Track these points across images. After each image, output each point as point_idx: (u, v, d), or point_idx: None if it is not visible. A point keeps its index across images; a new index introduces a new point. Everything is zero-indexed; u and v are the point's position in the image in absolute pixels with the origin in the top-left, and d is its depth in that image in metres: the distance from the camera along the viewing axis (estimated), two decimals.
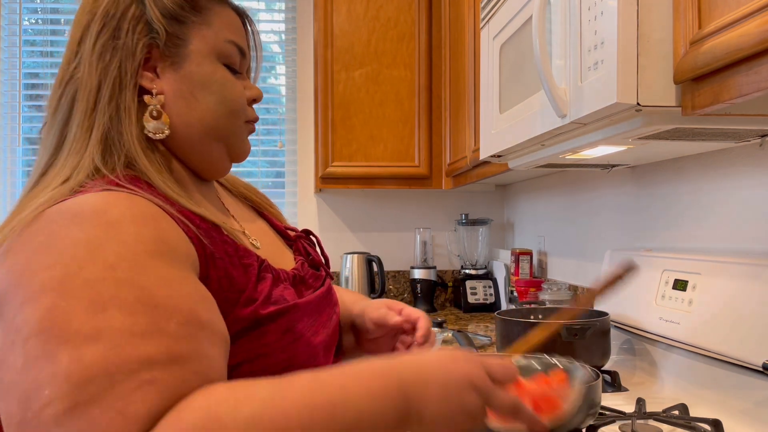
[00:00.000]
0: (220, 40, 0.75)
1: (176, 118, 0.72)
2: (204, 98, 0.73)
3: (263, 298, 0.69)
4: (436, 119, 2.51)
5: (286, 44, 2.90)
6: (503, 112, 1.40)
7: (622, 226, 1.70)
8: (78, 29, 0.72)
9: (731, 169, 1.25)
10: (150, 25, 0.70)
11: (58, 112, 0.71)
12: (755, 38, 0.68)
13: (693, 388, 1.18)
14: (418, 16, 2.50)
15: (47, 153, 0.70)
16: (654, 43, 0.87)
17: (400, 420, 0.56)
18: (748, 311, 1.04)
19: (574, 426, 0.88)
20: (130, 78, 0.69)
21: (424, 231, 2.77)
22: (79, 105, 0.69)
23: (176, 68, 0.72)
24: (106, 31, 0.70)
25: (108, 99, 0.68)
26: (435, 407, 0.58)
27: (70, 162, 0.67)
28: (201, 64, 0.73)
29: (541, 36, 1.04)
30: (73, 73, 0.71)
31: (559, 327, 0.93)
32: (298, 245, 0.91)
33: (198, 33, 0.73)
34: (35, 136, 2.80)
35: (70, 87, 0.70)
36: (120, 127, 0.68)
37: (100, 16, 0.70)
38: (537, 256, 2.35)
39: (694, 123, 0.93)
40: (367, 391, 0.55)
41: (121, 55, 0.69)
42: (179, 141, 0.74)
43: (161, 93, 0.71)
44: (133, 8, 0.71)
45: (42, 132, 0.72)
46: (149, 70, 0.72)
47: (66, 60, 0.72)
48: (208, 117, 0.74)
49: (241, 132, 0.79)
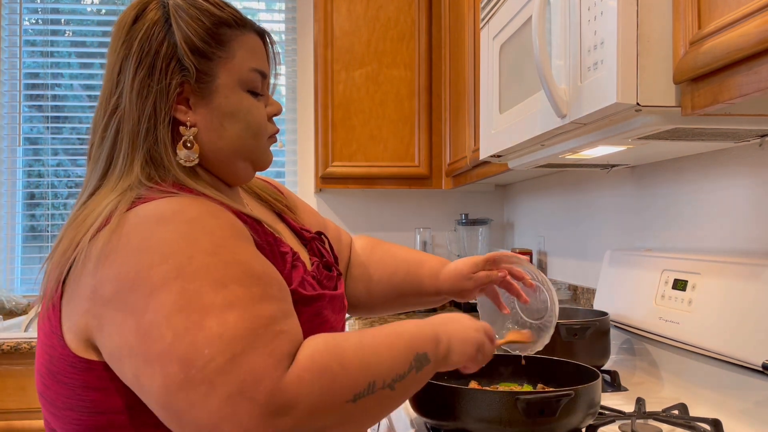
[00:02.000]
0: (244, 70, 0.82)
1: (207, 145, 0.81)
2: (231, 126, 0.82)
3: (297, 283, 0.79)
4: (436, 119, 2.51)
5: (286, 44, 2.90)
6: (503, 112, 1.40)
7: (622, 226, 1.70)
8: (116, 60, 0.79)
9: (731, 169, 1.25)
10: (181, 63, 0.78)
11: (106, 140, 0.79)
12: (755, 38, 0.68)
13: (693, 387, 1.18)
14: (418, 16, 2.50)
15: (97, 175, 0.79)
16: (654, 43, 0.87)
17: (437, 342, 0.77)
18: (748, 311, 1.04)
19: (574, 426, 0.88)
20: (165, 114, 0.78)
21: (424, 231, 2.77)
22: (123, 136, 0.78)
23: (206, 102, 0.80)
24: (142, 69, 0.77)
25: (145, 133, 0.77)
26: (457, 336, 0.80)
27: (122, 184, 0.75)
28: (228, 97, 0.81)
29: (541, 36, 1.04)
30: (116, 104, 0.79)
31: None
32: (312, 246, 0.95)
33: (224, 67, 0.81)
34: (35, 136, 2.81)
35: (115, 119, 0.79)
36: (160, 157, 0.78)
37: (136, 52, 0.78)
38: (537, 256, 2.35)
39: (694, 123, 0.93)
40: (413, 323, 0.77)
41: (156, 94, 0.77)
42: (209, 161, 0.82)
43: (194, 125, 0.80)
44: (165, 46, 0.78)
45: (91, 151, 0.81)
46: (182, 103, 0.80)
47: (107, 90, 0.80)
48: (236, 143, 0.82)
49: (264, 148, 0.87)
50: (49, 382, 0.71)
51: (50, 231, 2.79)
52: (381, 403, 0.68)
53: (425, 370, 0.74)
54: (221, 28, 0.81)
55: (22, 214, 2.79)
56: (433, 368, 0.76)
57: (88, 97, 2.83)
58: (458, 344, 0.80)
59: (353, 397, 0.64)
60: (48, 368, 0.71)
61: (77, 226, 0.73)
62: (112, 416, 0.69)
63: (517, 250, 2.30)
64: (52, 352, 0.71)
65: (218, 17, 0.81)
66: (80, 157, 2.82)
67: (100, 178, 0.78)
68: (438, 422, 0.92)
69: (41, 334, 0.74)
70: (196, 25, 0.79)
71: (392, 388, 0.68)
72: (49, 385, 0.71)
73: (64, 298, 0.71)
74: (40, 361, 0.73)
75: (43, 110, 2.80)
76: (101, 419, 0.69)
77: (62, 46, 2.82)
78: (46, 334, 0.72)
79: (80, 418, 0.69)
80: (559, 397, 0.85)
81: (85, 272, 0.68)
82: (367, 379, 0.65)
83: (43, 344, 0.73)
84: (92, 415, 0.69)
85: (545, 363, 1.07)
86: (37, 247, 2.79)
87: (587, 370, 0.99)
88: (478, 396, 0.87)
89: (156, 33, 0.78)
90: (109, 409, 0.69)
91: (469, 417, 0.87)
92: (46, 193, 2.79)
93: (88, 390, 0.69)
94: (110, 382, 0.69)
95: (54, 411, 0.71)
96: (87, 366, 0.69)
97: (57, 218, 2.79)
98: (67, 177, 2.81)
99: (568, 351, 1.26)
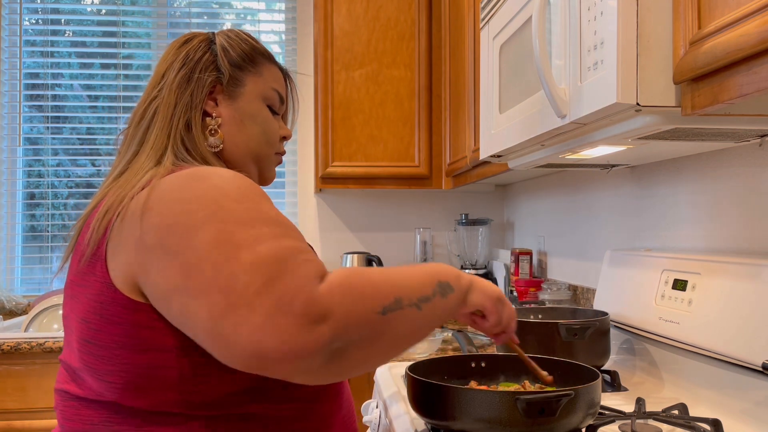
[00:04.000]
0: (268, 87, 1.00)
1: (227, 137, 0.96)
2: (250, 127, 0.97)
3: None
4: (436, 119, 2.51)
5: (286, 44, 2.90)
6: (503, 112, 1.40)
7: (622, 226, 1.70)
8: (164, 66, 0.96)
9: (731, 169, 1.25)
10: (218, 68, 0.96)
11: (143, 122, 0.92)
12: (755, 38, 0.68)
13: (693, 387, 1.18)
14: (418, 16, 2.50)
15: (130, 151, 0.90)
16: (654, 43, 0.87)
17: (459, 276, 0.85)
18: (748, 311, 1.04)
19: (574, 426, 0.88)
20: (198, 102, 0.93)
21: (424, 231, 2.77)
22: (159, 116, 0.91)
23: (232, 102, 0.96)
24: (184, 69, 0.94)
25: (181, 114, 0.91)
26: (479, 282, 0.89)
27: (154, 155, 0.88)
28: (251, 102, 0.98)
29: (541, 36, 1.04)
30: (156, 95, 0.93)
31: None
32: None
33: (252, 79, 0.98)
34: (35, 136, 2.81)
35: (153, 104, 0.92)
36: (191, 139, 0.91)
37: (182, 58, 0.95)
38: (537, 256, 2.35)
39: (694, 123, 0.93)
40: (430, 265, 0.83)
41: (193, 86, 0.93)
42: (226, 156, 0.96)
43: (219, 117, 0.95)
44: (207, 55, 0.96)
45: (124, 135, 0.94)
46: (212, 99, 0.95)
47: (151, 85, 0.95)
48: (251, 142, 0.98)
49: (272, 161, 1.02)
50: (100, 326, 0.77)
51: (50, 231, 2.79)
52: (410, 321, 0.73)
53: (450, 298, 0.80)
54: (256, 54, 1.00)
55: (22, 214, 2.79)
56: (457, 299, 0.83)
57: (88, 97, 2.83)
58: (479, 284, 0.88)
59: (382, 309, 0.70)
60: (99, 314, 0.77)
61: (120, 188, 0.82)
62: (160, 354, 0.75)
63: (517, 251, 2.30)
64: (101, 298, 0.77)
65: (256, 47, 1.00)
66: (80, 157, 2.82)
67: (134, 154, 0.89)
68: (438, 422, 0.92)
69: (84, 290, 0.79)
70: (236, 45, 0.98)
71: (419, 308, 0.74)
72: (99, 329, 0.77)
73: (109, 251, 0.77)
74: (88, 311, 0.78)
75: (43, 110, 2.80)
76: (150, 356, 0.75)
77: (62, 46, 2.82)
78: (91, 285, 0.78)
79: (131, 356, 0.76)
80: (559, 397, 0.85)
81: (128, 226, 0.76)
82: (394, 294, 0.72)
83: (89, 296, 0.78)
84: (142, 353, 0.75)
85: (545, 363, 1.07)
86: (37, 247, 2.79)
87: (587, 370, 0.99)
88: (478, 396, 0.87)
89: (202, 47, 0.96)
90: (157, 346, 0.75)
91: (469, 417, 0.87)
92: (46, 193, 2.79)
93: (139, 328, 0.75)
94: (158, 322, 0.75)
95: (104, 354, 0.77)
96: (136, 307, 0.75)
97: (57, 218, 2.79)
98: (67, 177, 2.81)
99: (568, 351, 1.26)
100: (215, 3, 2.90)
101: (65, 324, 0.85)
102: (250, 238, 0.69)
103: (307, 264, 0.69)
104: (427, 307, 0.76)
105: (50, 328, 2.39)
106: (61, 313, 2.41)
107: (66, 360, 0.83)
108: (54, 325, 2.40)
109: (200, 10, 2.88)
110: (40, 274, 2.79)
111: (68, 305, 0.83)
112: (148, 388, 0.76)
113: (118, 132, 2.81)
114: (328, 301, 0.66)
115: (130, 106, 2.83)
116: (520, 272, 2.28)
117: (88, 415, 0.79)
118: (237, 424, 0.79)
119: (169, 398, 0.76)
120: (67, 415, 0.81)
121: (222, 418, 0.78)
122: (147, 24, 2.88)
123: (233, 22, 2.92)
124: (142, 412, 0.77)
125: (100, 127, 2.83)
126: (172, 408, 0.77)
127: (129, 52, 2.84)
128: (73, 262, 0.84)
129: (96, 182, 2.82)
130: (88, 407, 0.79)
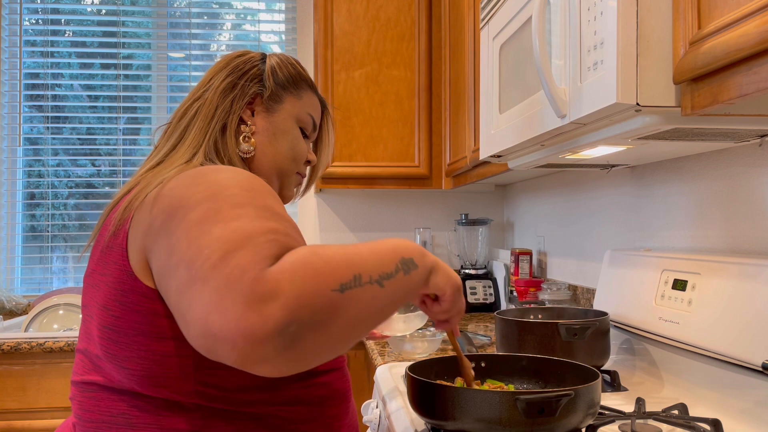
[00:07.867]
0: (304, 111, 1.06)
1: (259, 146, 1.01)
2: (281, 141, 1.03)
3: None
4: (436, 119, 2.51)
5: (286, 44, 2.90)
6: (503, 112, 1.40)
7: (621, 226, 1.70)
8: (213, 71, 1.02)
9: (730, 169, 1.25)
10: (263, 82, 1.02)
11: (184, 119, 0.97)
12: (755, 38, 0.68)
13: (693, 387, 1.18)
14: (418, 16, 2.50)
15: (168, 145, 0.95)
16: (654, 43, 0.87)
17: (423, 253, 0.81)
18: (748, 311, 1.04)
19: (574, 426, 0.88)
20: (237, 109, 0.98)
21: (424, 231, 2.77)
22: (200, 115, 0.96)
23: (268, 115, 1.02)
24: (231, 77, 1.00)
25: (219, 117, 0.97)
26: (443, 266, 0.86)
27: (189, 152, 0.92)
28: (286, 120, 1.03)
29: (541, 36, 1.04)
30: (200, 96, 0.98)
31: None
32: None
33: (291, 100, 1.04)
34: (35, 136, 2.81)
35: (196, 104, 0.98)
36: (224, 138, 0.96)
37: (231, 68, 1.01)
38: (537, 256, 2.35)
39: (694, 123, 0.93)
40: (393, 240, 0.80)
41: (236, 93, 0.99)
42: (253, 165, 1.01)
43: (254, 125, 1.00)
44: (255, 70, 1.02)
45: (165, 129, 0.99)
46: (250, 109, 1.01)
47: (197, 88, 1.01)
48: (279, 155, 1.02)
49: (292, 180, 1.07)
50: (121, 313, 0.79)
51: (50, 231, 2.79)
52: (371, 299, 0.68)
53: (413, 275, 0.76)
54: (300, 80, 1.06)
55: (22, 214, 2.79)
56: (420, 277, 0.79)
57: (89, 97, 2.83)
58: (443, 267, 0.85)
59: (339, 287, 0.65)
60: (120, 301, 0.79)
61: (151, 178, 0.84)
62: (177, 342, 0.78)
63: (517, 251, 2.30)
64: (122, 286, 0.79)
65: (302, 74, 1.07)
66: (80, 157, 2.82)
67: (172, 148, 0.94)
68: (438, 422, 0.92)
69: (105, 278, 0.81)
70: (284, 68, 1.04)
71: (381, 285, 0.70)
72: (120, 315, 0.79)
73: (129, 240, 0.79)
74: (108, 298, 0.80)
75: (43, 110, 2.80)
76: (167, 345, 0.77)
77: (62, 46, 2.82)
78: (112, 273, 0.80)
79: (149, 343, 0.77)
80: (559, 396, 0.85)
81: (143, 214, 0.78)
82: (352, 271, 0.67)
83: (110, 283, 0.80)
84: (160, 340, 0.78)
85: (545, 363, 1.07)
86: (37, 247, 2.79)
87: (587, 370, 0.99)
88: (478, 396, 0.87)
89: (252, 62, 1.02)
90: (174, 335, 0.77)
91: (469, 417, 0.87)
92: (46, 193, 2.79)
93: (158, 317, 0.77)
94: None
95: (123, 340, 0.79)
96: (155, 295, 0.77)
97: (57, 218, 2.79)
98: (67, 177, 2.81)
99: (568, 351, 1.26)
100: (215, 3, 2.89)
101: (84, 313, 0.87)
102: (231, 215, 0.68)
103: (271, 243, 0.66)
104: (390, 284, 0.71)
105: (50, 328, 2.39)
106: (61, 313, 2.42)
107: (86, 348, 0.85)
108: (54, 325, 2.40)
109: (200, 10, 2.88)
110: (40, 274, 2.79)
111: (89, 294, 0.85)
112: (165, 376, 0.78)
113: (118, 132, 2.82)
114: (276, 278, 0.61)
115: (130, 106, 2.83)
116: (520, 272, 2.28)
117: (107, 406, 0.81)
118: (248, 423, 0.81)
119: (184, 388, 0.78)
120: (86, 406, 0.83)
121: (235, 414, 0.80)
122: (147, 24, 2.88)
123: (233, 22, 2.92)
124: (159, 403, 0.78)
125: (100, 127, 2.83)
126: (187, 398, 0.78)
127: (129, 52, 2.84)
128: (94, 252, 0.86)
129: (96, 182, 2.82)
130: (107, 398, 0.81)
